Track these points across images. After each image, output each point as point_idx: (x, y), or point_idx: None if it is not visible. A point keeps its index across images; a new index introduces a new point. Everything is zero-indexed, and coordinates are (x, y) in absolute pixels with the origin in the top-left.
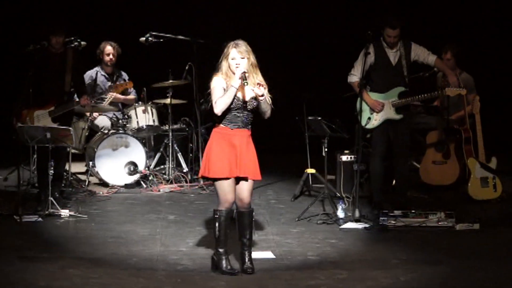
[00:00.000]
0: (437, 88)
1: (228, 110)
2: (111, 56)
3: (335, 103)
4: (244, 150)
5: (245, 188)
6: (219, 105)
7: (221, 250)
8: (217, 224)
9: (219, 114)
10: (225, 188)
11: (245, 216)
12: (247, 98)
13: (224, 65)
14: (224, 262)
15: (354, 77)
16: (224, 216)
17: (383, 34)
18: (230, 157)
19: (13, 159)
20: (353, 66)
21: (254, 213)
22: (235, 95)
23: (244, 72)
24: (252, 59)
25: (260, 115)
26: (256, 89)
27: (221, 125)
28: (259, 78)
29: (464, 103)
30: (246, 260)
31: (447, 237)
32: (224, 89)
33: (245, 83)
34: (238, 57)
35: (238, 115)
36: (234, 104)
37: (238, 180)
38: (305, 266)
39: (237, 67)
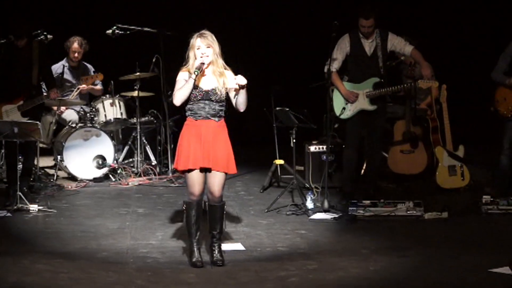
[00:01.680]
0: (403, 77)
1: (191, 102)
2: (76, 54)
3: (302, 93)
4: (210, 142)
5: (214, 181)
6: (176, 97)
7: (190, 241)
8: (185, 216)
9: (178, 105)
10: (190, 179)
11: (215, 209)
12: (208, 88)
13: (191, 56)
14: (192, 254)
15: (331, 67)
16: (191, 208)
17: (358, 24)
18: (196, 148)
19: None
20: (330, 57)
21: (225, 206)
22: (198, 86)
23: (202, 63)
24: (217, 48)
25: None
26: (240, 78)
27: (188, 116)
28: (220, 68)
29: (431, 91)
30: (216, 252)
31: (416, 226)
32: (185, 80)
33: (195, 72)
34: (203, 47)
35: (202, 106)
36: (196, 95)
37: (209, 172)
38: (275, 258)
39: (202, 56)
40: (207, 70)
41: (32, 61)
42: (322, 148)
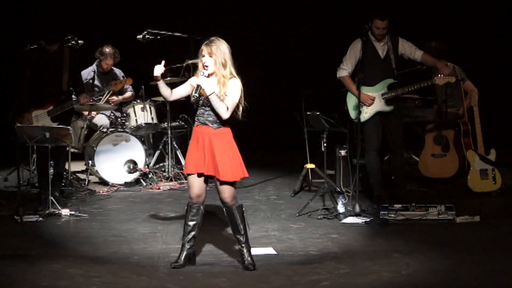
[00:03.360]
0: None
1: (196, 107)
2: (108, 66)
3: (333, 98)
4: (207, 148)
5: (221, 189)
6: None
7: (182, 241)
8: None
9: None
10: (189, 183)
11: (231, 213)
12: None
13: (199, 62)
14: (178, 254)
15: (344, 71)
16: (188, 209)
17: (371, 27)
18: (195, 153)
19: (13, 159)
20: (342, 61)
21: (244, 209)
22: (196, 91)
23: (199, 85)
24: (220, 57)
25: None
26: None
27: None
28: (223, 76)
29: (462, 95)
30: (246, 256)
31: (447, 230)
32: (191, 85)
33: (193, 96)
34: (206, 55)
35: (202, 112)
36: (192, 101)
37: (212, 179)
38: (306, 261)
39: (205, 66)
40: (212, 77)
41: (62, 67)
42: (346, 152)
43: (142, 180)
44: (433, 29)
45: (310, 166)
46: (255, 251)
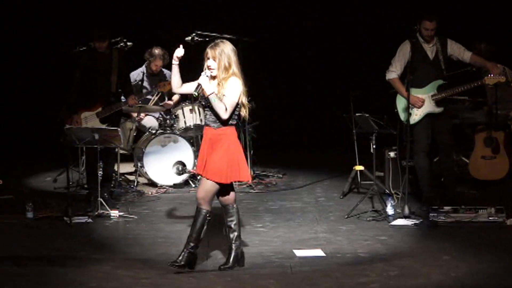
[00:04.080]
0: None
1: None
2: (158, 68)
3: (382, 99)
4: (206, 149)
5: (202, 183)
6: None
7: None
8: None
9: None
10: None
11: (198, 213)
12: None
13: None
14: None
15: (393, 73)
16: (196, 211)
17: (419, 28)
18: (199, 154)
19: (62, 160)
20: (391, 63)
21: (209, 217)
22: (197, 90)
23: (199, 84)
24: (224, 60)
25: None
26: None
27: None
28: (223, 78)
29: None
30: (228, 256)
31: (497, 233)
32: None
33: (193, 95)
34: (210, 58)
35: (205, 113)
36: (204, 103)
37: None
38: (355, 263)
39: (209, 68)
40: (213, 80)
41: (111, 68)
42: (395, 154)
43: (190, 182)
44: (482, 31)
45: (359, 168)
46: (304, 252)
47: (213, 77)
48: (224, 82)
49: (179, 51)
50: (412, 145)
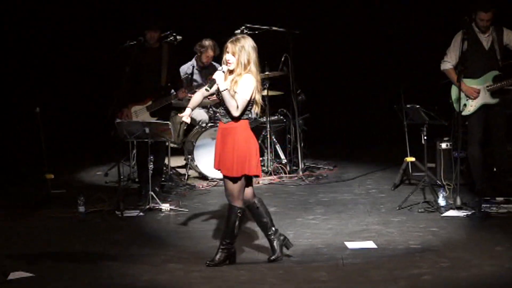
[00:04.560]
0: None
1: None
2: (209, 59)
3: (433, 90)
4: (218, 143)
5: (224, 181)
6: None
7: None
8: None
9: None
10: None
11: (229, 210)
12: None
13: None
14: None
15: (448, 64)
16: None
17: (475, 18)
18: (215, 148)
19: (113, 155)
20: (446, 53)
21: (240, 214)
22: (210, 85)
23: (214, 79)
24: (243, 56)
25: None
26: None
27: None
28: (237, 74)
29: None
30: (218, 255)
31: None
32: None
33: (206, 89)
34: (229, 53)
35: (220, 108)
36: (219, 98)
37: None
38: (407, 255)
39: (227, 63)
40: (229, 75)
41: (161, 62)
42: (454, 145)
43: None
44: None
45: (410, 159)
46: (355, 244)
47: (231, 72)
48: (238, 79)
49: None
50: (465, 136)
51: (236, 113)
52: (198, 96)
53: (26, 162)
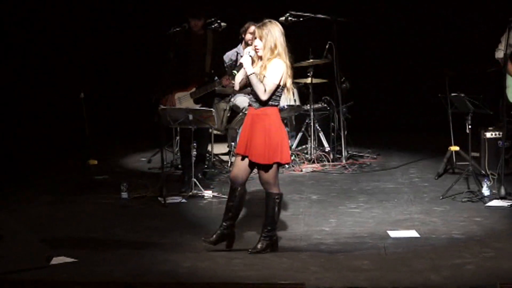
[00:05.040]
0: None
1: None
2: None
3: (478, 78)
4: (248, 128)
5: (258, 171)
6: None
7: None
8: None
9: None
10: (234, 162)
11: (266, 197)
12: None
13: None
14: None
15: (501, 52)
16: (230, 190)
17: None
18: (242, 133)
19: (156, 141)
20: (500, 41)
21: (278, 200)
22: (238, 69)
23: (241, 63)
24: (270, 40)
25: None
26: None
27: None
28: (269, 65)
29: None
30: (257, 242)
31: None
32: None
33: (233, 73)
34: (257, 37)
35: (249, 93)
36: (247, 82)
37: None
38: (450, 245)
39: (254, 48)
40: (260, 60)
41: (205, 49)
42: (499, 134)
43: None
44: None
45: (454, 148)
46: (398, 233)
47: (260, 57)
48: (267, 63)
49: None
50: (511, 125)
51: (264, 96)
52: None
53: (70, 147)
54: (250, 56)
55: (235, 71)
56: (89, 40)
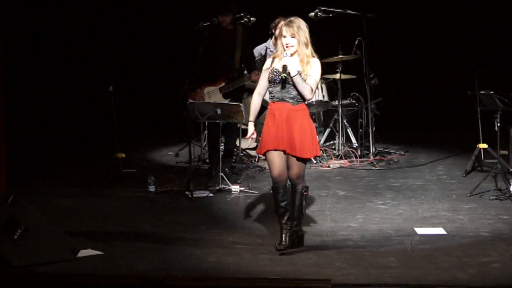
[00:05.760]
0: None
1: (272, 84)
2: None
3: (508, 76)
4: (284, 124)
5: (290, 164)
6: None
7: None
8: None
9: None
10: (269, 162)
11: (294, 190)
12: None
13: (279, 44)
14: (281, 236)
15: None
16: (274, 191)
17: None
18: (273, 130)
19: (184, 135)
20: None
21: (305, 192)
22: (277, 70)
23: (285, 65)
24: (302, 37)
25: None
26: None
27: (269, 99)
28: (306, 55)
29: None
30: (283, 236)
31: None
32: (266, 70)
33: (282, 76)
34: (288, 36)
35: (279, 89)
36: (275, 78)
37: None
38: (477, 243)
39: (287, 46)
40: (294, 56)
41: (235, 44)
42: None
43: (311, 158)
44: None
45: (482, 146)
46: (425, 230)
47: (291, 54)
48: (309, 60)
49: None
50: None
51: (310, 95)
52: (256, 101)
53: (99, 141)
54: (286, 55)
55: (284, 74)
56: (119, 34)
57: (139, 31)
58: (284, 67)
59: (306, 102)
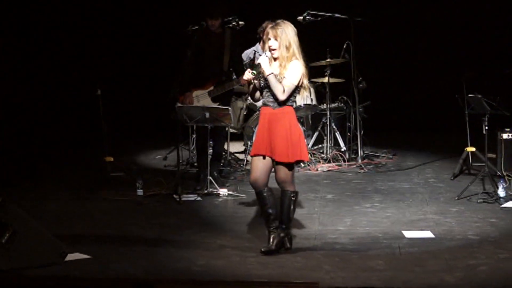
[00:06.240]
0: None
1: (262, 89)
2: None
3: (495, 79)
4: (266, 128)
5: (275, 168)
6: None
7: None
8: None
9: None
10: (251, 165)
11: (282, 195)
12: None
13: (266, 46)
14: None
15: None
16: (257, 195)
17: None
18: (259, 135)
19: (173, 139)
20: None
21: (293, 197)
22: (255, 69)
23: (259, 63)
24: (285, 40)
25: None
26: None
27: None
28: (284, 58)
29: None
30: (271, 240)
31: None
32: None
33: (252, 74)
34: (272, 38)
35: (264, 93)
36: (262, 83)
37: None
38: (464, 246)
39: (271, 49)
40: (275, 61)
41: (223, 48)
42: None
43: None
44: None
45: (470, 149)
46: (412, 234)
47: (275, 59)
48: (286, 63)
49: (247, 75)
50: None
51: (282, 96)
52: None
53: (87, 144)
54: (267, 56)
55: (253, 71)
56: (107, 37)
57: (128, 35)
58: (258, 65)
59: (291, 105)
